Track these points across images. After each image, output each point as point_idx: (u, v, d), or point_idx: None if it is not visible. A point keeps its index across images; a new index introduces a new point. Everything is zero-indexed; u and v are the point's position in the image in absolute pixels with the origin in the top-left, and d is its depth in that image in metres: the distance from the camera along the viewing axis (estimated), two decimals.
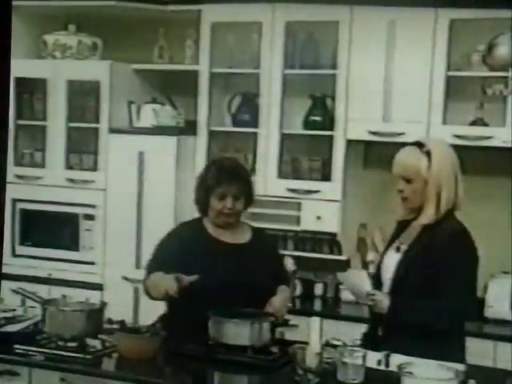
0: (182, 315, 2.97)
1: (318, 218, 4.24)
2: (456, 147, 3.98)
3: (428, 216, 2.80)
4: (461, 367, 2.59)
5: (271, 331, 2.87)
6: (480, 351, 3.12)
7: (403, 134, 4.05)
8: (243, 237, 3.20)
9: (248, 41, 4.40)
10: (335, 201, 4.24)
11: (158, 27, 4.57)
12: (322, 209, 4.25)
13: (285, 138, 4.36)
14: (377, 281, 2.89)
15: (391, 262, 2.87)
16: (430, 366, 2.52)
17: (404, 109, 4.05)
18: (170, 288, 2.86)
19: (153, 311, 3.18)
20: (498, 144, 3.87)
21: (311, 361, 2.59)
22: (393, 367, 2.62)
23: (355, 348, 2.64)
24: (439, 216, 2.80)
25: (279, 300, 3.06)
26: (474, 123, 4.05)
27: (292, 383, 2.59)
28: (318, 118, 4.33)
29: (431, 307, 2.75)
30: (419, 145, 2.84)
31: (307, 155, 4.42)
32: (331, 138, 4.25)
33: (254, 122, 4.40)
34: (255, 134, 4.40)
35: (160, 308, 3.33)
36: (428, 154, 2.80)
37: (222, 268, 3.04)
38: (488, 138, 3.91)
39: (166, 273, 2.95)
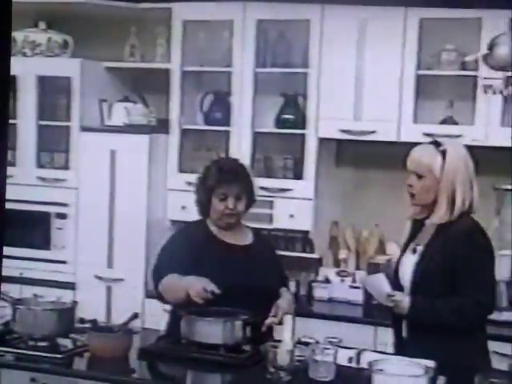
0: None
1: (291, 216, 4.26)
2: None
3: (440, 215, 2.81)
4: (431, 364, 2.62)
5: (243, 329, 2.87)
6: None
7: (374, 132, 4.09)
8: (246, 238, 3.19)
9: (219, 39, 4.40)
10: (307, 199, 4.26)
11: (129, 25, 4.55)
12: (295, 207, 4.27)
13: (257, 137, 4.37)
14: (396, 283, 2.89)
15: (408, 263, 2.87)
16: (400, 363, 2.54)
17: (375, 107, 4.07)
18: (196, 294, 2.83)
19: (125, 310, 3.17)
20: (468, 142, 3.86)
21: (283, 359, 2.60)
22: (364, 364, 2.64)
23: (326, 345, 2.66)
24: (453, 218, 2.80)
25: (286, 302, 3.07)
26: (444, 122, 4.09)
27: (264, 381, 2.60)
28: (289, 117, 4.34)
29: (453, 305, 2.75)
30: (436, 144, 2.86)
31: (279, 153, 4.43)
32: (303, 136, 4.26)
33: (226, 121, 4.40)
34: (227, 132, 4.40)
35: (132, 307, 3.33)
36: (443, 153, 2.81)
37: (231, 270, 3.02)
38: (458, 136, 3.95)
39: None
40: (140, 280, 4.40)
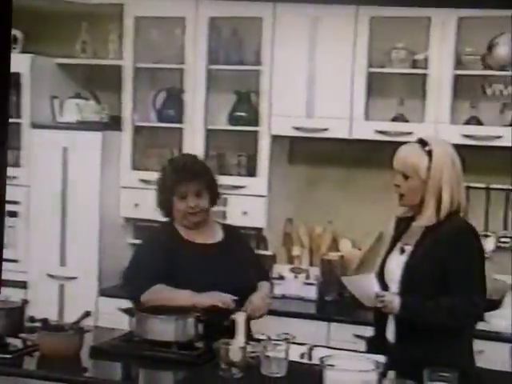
0: None
1: (244, 213, 4.26)
2: (377, 143, 4.12)
3: (427, 217, 2.75)
4: (381, 359, 2.65)
5: (196, 326, 2.87)
6: None
7: (327, 129, 4.11)
8: (216, 236, 3.16)
9: (172, 36, 4.38)
10: (261, 196, 4.27)
11: (80, 21, 4.50)
12: (248, 204, 4.27)
13: (210, 134, 4.36)
14: (380, 283, 2.82)
15: (396, 263, 2.80)
16: (351, 358, 2.56)
17: (327, 105, 4.10)
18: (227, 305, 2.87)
19: (78, 308, 3.14)
20: None
21: (235, 355, 2.61)
22: (316, 360, 2.66)
23: (278, 342, 2.67)
24: (441, 218, 2.74)
25: (259, 297, 3.05)
26: (394, 119, 4.13)
27: (216, 378, 2.61)
28: (242, 114, 4.34)
29: (444, 305, 2.69)
30: (422, 143, 2.79)
31: (233, 151, 4.43)
32: (256, 133, 4.27)
33: (180, 118, 4.39)
34: (180, 129, 4.39)
35: (86, 305, 3.30)
36: (429, 153, 2.74)
37: (202, 270, 3.00)
38: (408, 133, 4.00)
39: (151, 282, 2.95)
40: (93, 278, 4.37)
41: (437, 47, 3.94)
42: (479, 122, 4.03)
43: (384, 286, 2.82)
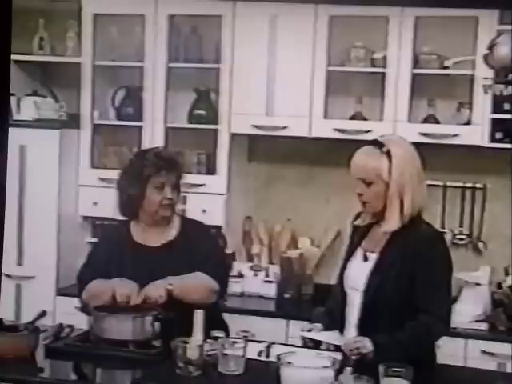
0: None
1: (203, 211, 4.25)
2: (336, 141, 4.14)
3: (392, 222, 2.62)
4: (338, 356, 2.66)
5: (153, 325, 2.85)
6: None
7: (286, 127, 4.13)
8: (169, 234, 3.07)
9: (131, 33, 4.36)
10: (220, 194, 4.27)
11: (37, 17, 4.44)
12: (207, 202, 4.26)
13: (169, 132, 4.34)
14: (340, 291, 2.73)
15: (360, 271, 2.68)
16: (308, 355, 2.58)
17: (287, 103, 4.11)
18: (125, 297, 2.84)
19: (35, 308, 3.11)
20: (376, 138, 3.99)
21: (192, 353, 2.61)
22: (273, 357, 2.66)
23: (235, 339, 2.67)
24: (404, 221, 2.62)
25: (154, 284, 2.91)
26: (353, 117, 4.16)
27: (173, 376, 2.60)
28: (202, 112, 4.34)
29: (417, 333, 2.59)
30: (378, 144, 2.65)
31: (192, 149, 4.41)
32: (215, 131, 4.27)
33: (139, 116, 4.37)
34: (140, 127, 4.36)
35: (43, 305, 3.27)
36: (388, 154, 2.61)
37: (142, 275, 2.94)
38: (367, 131, 4.03)
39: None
40: (51, 277, 4.33)
41: (395, 46, 3.97)
42: (436, 121, 4.08)
43: (343, 294, 2.74)
